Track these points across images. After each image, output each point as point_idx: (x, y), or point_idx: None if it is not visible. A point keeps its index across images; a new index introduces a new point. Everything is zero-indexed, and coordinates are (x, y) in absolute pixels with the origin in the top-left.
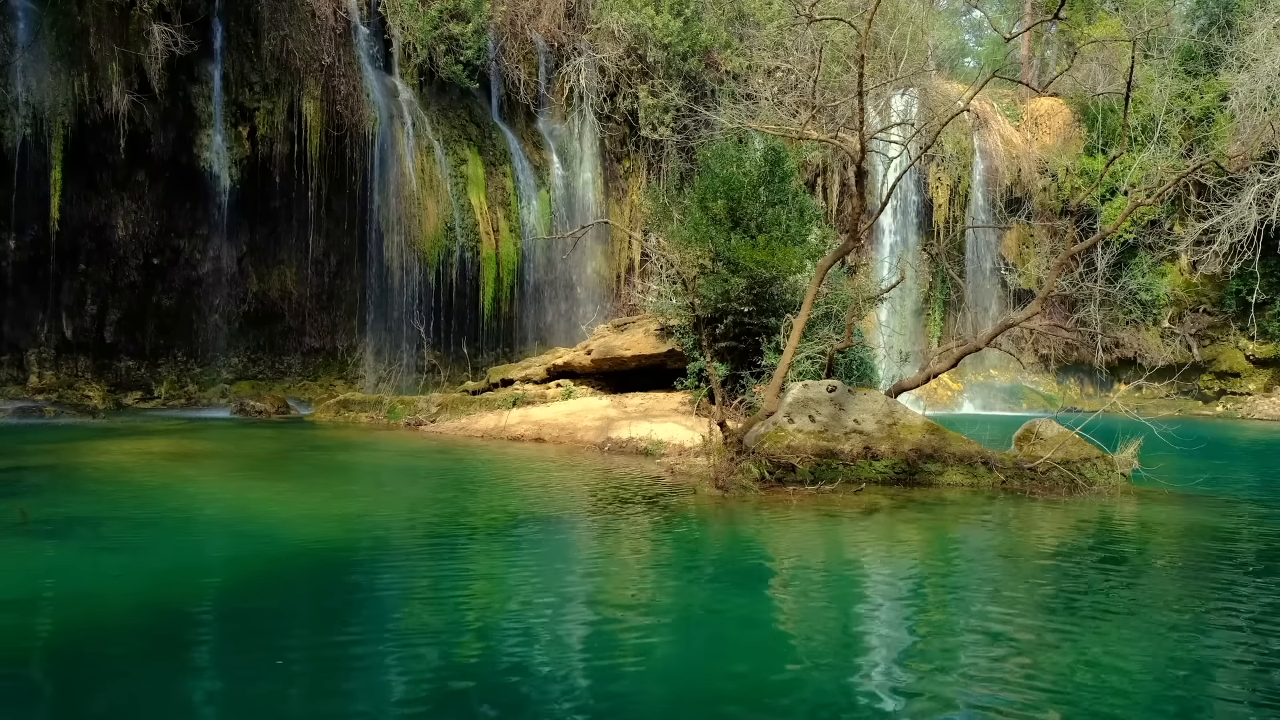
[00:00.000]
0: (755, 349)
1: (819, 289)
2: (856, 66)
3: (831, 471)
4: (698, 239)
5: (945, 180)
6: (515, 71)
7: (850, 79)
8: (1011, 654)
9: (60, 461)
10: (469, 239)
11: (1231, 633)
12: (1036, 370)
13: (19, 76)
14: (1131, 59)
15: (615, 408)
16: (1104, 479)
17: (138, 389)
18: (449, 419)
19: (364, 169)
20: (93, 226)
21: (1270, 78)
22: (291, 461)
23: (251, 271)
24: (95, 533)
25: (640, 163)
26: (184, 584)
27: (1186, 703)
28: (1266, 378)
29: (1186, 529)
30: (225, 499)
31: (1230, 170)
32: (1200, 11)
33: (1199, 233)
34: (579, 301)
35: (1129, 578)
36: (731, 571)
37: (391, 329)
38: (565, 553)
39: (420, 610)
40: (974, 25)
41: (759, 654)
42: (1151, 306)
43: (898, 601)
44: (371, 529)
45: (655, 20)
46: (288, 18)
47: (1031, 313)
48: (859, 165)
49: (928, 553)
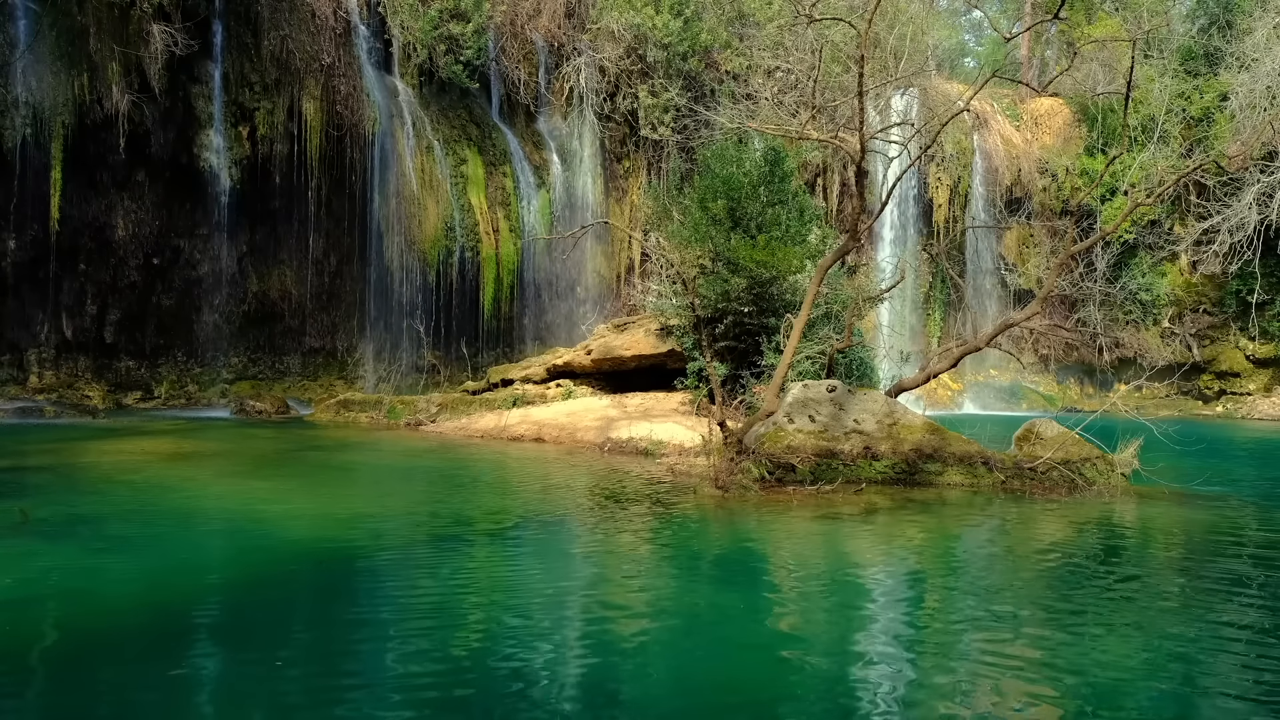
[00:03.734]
0: (755, 349)
1: (819, 289)
2: (856, 66)
3: (831, 471)
4: (698, 239)
5: (945, 180)
6: (515, 71)
7: (850, 79)
8: (1012, 654)
9: (60, 461)
10: (469, 239)
11: (1232, 632)
12: (1036, 370)
13: (19, 76)
14: (1131, 59)
15: (615, 408)
16: (1104, 479)
17: (138, 389)
18: (449, 419)
19: (364, 169)
20: (93, 226)
21: (1270, 78)
22: (291, 461)
23: (251, 271)
24: (95, 533)
25: (640, 163)
26: (184, 584)
27: (1187, 703)
28: (1266, 378)
29: (1186, 529)
30: (225, 499)
31: (1230, 170)
32: (1200, 11)
33: (1199, 233)
34: (579, 301)
35: (1129, 578)
36: (731, 571)
37: (391, 329)
38: (565, 552)
39: (420, 610)
40: (974, 25)
41: (759, 654)
42: (1151, 306)
43: (898, 602)
44: (371, 529)
45: (655, 20)
46: (288, 18)
47: (1031, 313)
48: (859, 165)
49: (928, 553)
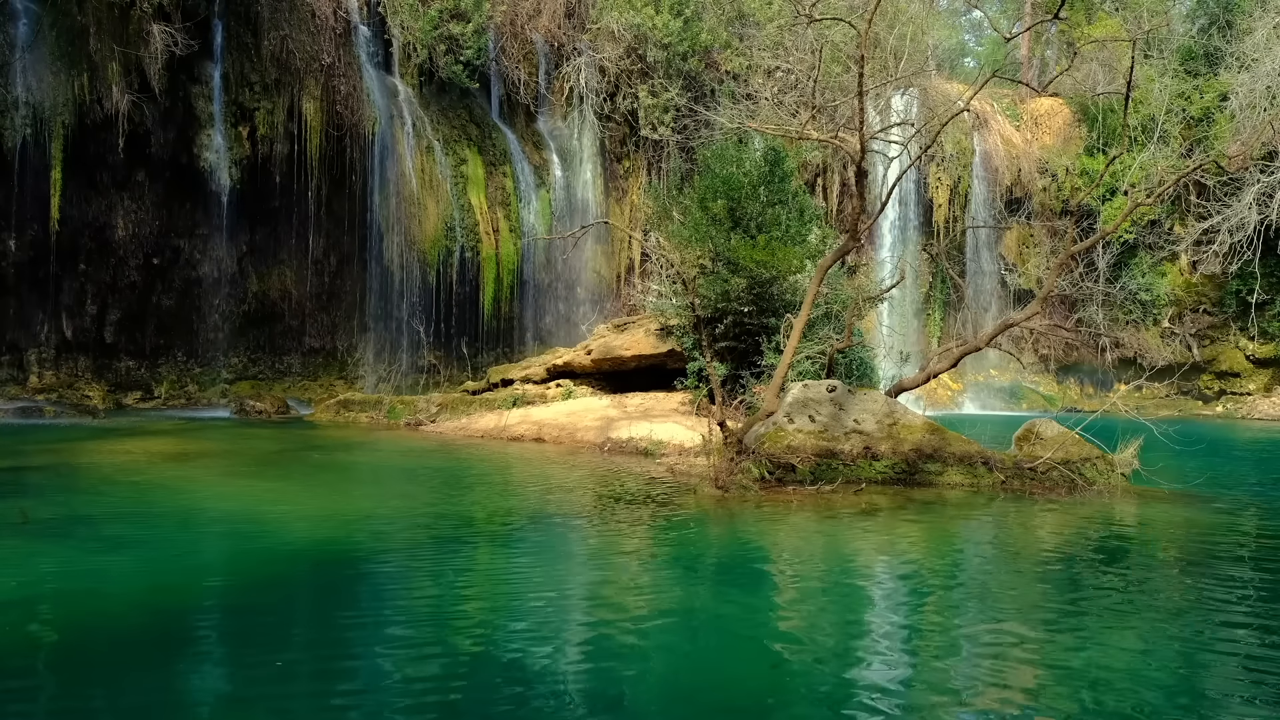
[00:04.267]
0: (755, 349)
1: (819, 289)
2: (856, 66)
3: (831, 471)
4: (698, 239)
5: (945, 180)
6: (515, 71)
7: (850, 79)
8: (1012, 654)
9: (60, 461)
10: (469, 239)
11: (1232, 632)
12: (1036, 370)
13: (19, 76)
14: (1131, 59)
15: (615, 408)
16: (1104, 479)
17: (138, 389)
18: (449, 419)
19: (364, 169)
20: (93, 226)
21: (1270, 78)
22: (291, 461)
23: (251, 271)
24: (95, 533)
25: (640, 163)
26: (184, 584)
27: (1188, 703)
28: (1266, 378)
29: (1186, 529)
30: (225, 499)
31: (1230, 170)
32: (1200, 11)
33: (1199, 233)
34: (579, 301)
35: (1129, 578)
36: (731, 572)
37: (391, 329)
38: (565, 552)
39: (421, 610)
40: (974, 25)
41: (759, 654)
42: (1151, 306)
43: (898, 602)
44: (371, 529)
45: (655, 20)
46: (288, 18)
47: (1031, 313)
48: (859, 165)
49: (928, 553)
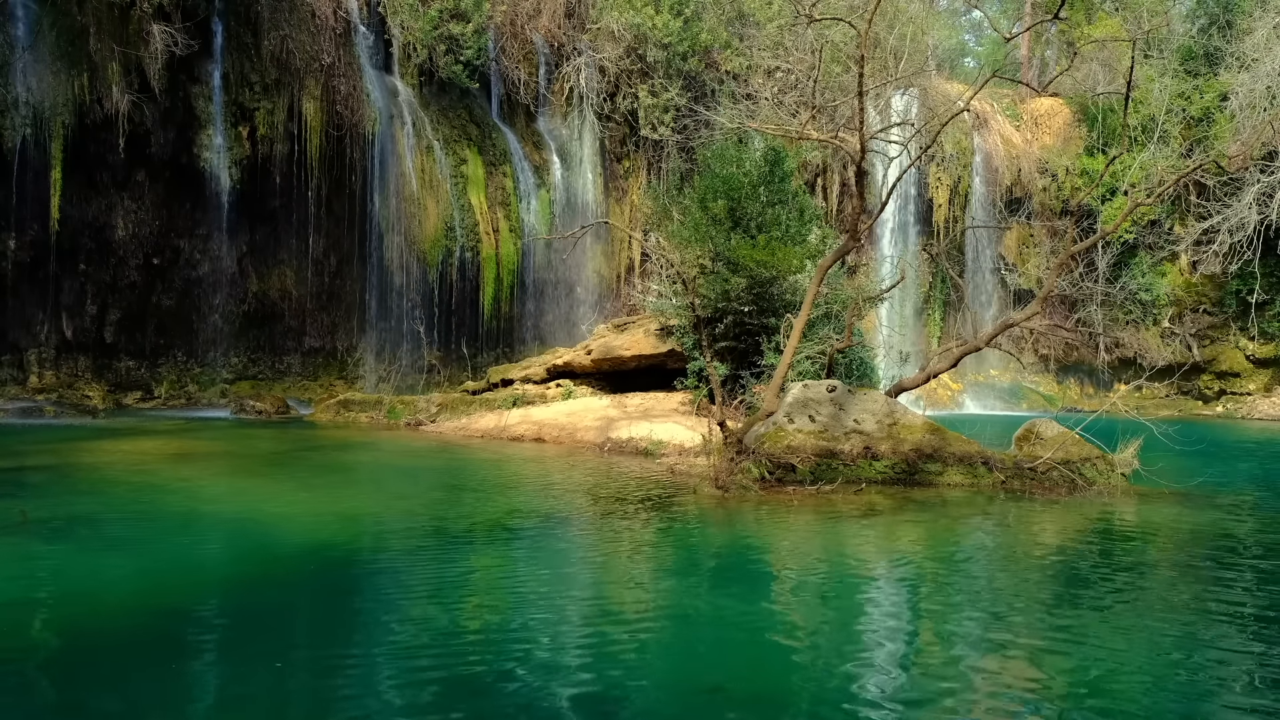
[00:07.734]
0: (755, 349)
1: (819, 289)
2: (856, 66)
3: (831, 471)
4: (698, 239)
5: (945, 180)
6: (515, 71)
7: (850, 79)
8: (1012, 654)
9: (60, 461)
10: (469, 239)
11: (1232, 632)
12: (1036, 370)
13: (19, 76)
14: (1131, 59)
15: (615, 408)
16: (1104, 479)
17: (138, 389)
18: (449, 419)
19: (364, 169)
20: (93, 226)
21: (1270, 78)
22: (291, 461)
23: (251, 271)
24: (95, 533)
25: (640, 163)
26: (184, 584)
27: (1188, 703)
28: (1266, 378)
29: (1186, 529)
30: (225, 499)
31: (1230, 170)
32: (1200, 11)
33: (1199, 233)
34: (579, 301)
35: (1129, 578)
36: (731, 572)
37: (391, 329)
38: (565, 552)
39: (420, 610)
40: (974, 25)
41: (759, 654)
42: (1151, 306)
43: (898, 602)
44: (371, 529)
45: (655, 20)
46: (288, 18)
47: (1031, 313)
48: (859, 165)
49: (928, 553)
